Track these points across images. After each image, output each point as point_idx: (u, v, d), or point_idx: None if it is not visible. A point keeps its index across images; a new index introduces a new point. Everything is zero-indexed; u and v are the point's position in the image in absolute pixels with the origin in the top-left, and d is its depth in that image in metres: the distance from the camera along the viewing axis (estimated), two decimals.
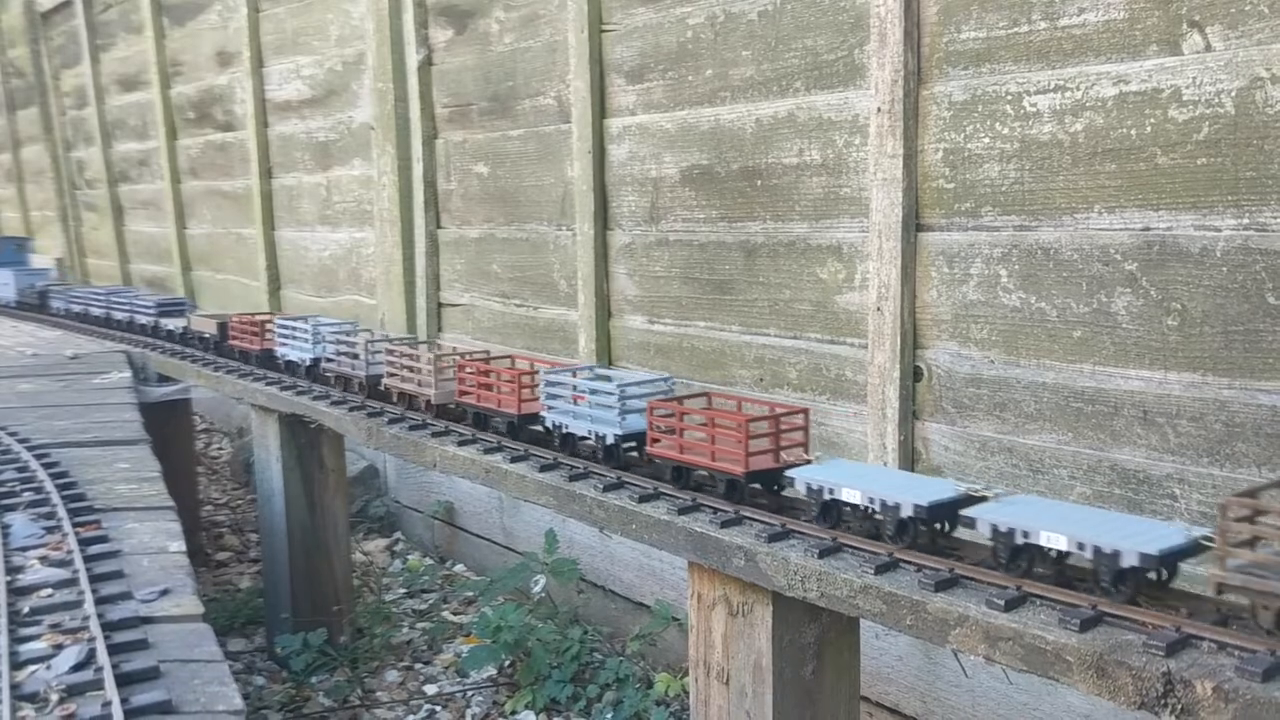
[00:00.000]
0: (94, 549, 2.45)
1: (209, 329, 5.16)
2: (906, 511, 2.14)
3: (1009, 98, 2.99)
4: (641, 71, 4.19)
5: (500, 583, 4.44)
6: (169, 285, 8.95)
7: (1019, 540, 1.99)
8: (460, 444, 3.25)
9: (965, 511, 2.11)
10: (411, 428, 3.49)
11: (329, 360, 4.16)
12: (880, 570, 2.07)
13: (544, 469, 2.92)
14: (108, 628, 1.98)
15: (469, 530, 5.52)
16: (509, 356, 3.68)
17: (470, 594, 5.14)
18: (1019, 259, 3.02)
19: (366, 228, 6.26)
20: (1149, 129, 2.70)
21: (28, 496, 2.92)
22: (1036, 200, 2.96)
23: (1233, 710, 1.55)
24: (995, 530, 2.02)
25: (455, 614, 5.04)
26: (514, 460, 3.04)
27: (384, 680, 4.38)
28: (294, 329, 4.43)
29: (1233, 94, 2.54)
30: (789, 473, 2.44)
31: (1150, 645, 1.69)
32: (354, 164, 6.35)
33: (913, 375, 3.32)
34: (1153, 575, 1.87)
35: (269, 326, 4.66)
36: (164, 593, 2.18)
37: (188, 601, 2.13)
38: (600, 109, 4.40)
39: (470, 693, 4.24)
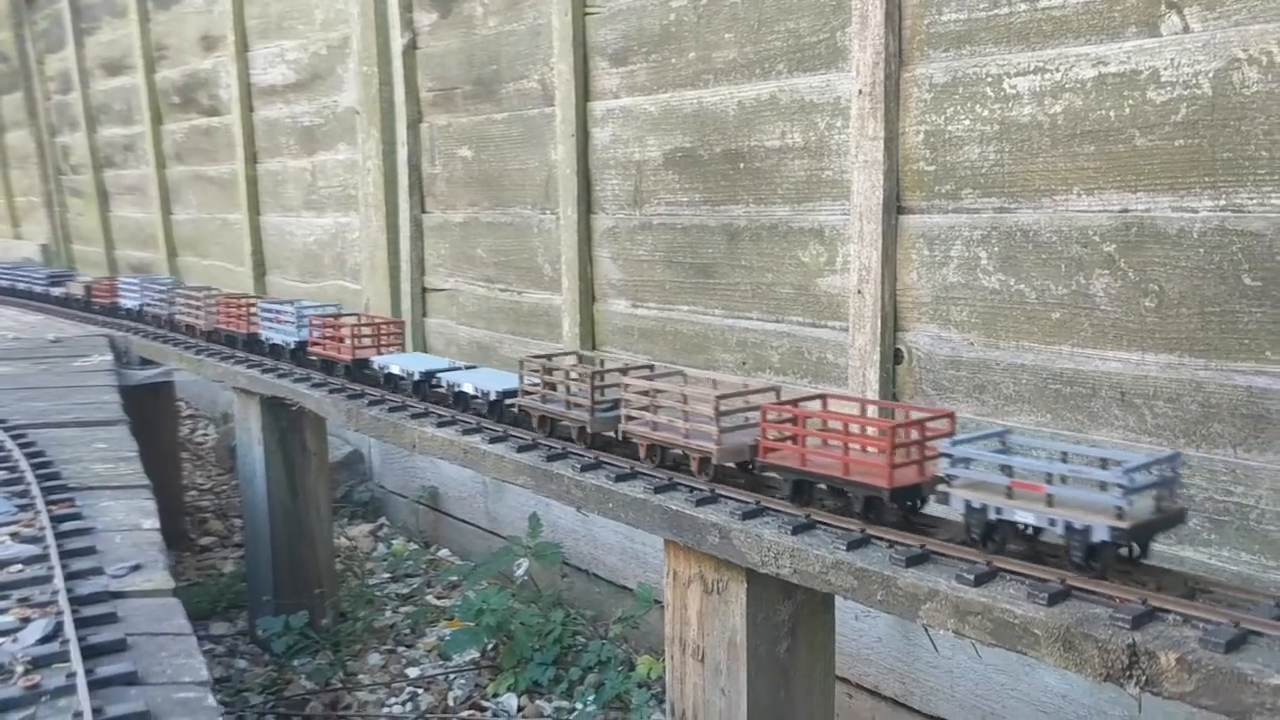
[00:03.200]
0: (66, 526, 2.44)
1: (79, 291, 6.62)
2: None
3: (989, 80, 2.99)
4: (625, 54, 4.18)
5: (484, 567, 4.44)
6: (154, 271, 8.91)
7: (456, 390, 3.37)
8: (439, 425, 3.25)
9: (440, 376, 3.47)
10: (391, 409, 3.49)
11: (149, 305, 5.64)
12: (852, 546, 2.08)
13: (522, 449, 2.92)
14: (76, 602, 1.98)
15: (453, 515, 5.52)
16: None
17: (454, 579, 5.14)
18: (998, 241, 3.02)
19: (351, 212, 6.24)
20: (1127, 110, 2.70)
21: (2, 475, 2.90)
22: (1016, 182, 2.96)
23: (1195, 680, 1.56)
24: (449, 385, 3.41)
25: (439, 598, 5.04)
26: (492, 440, 3.04)
27: (366, 663, 4.38)
28: (129, 285, 6.01)
29: (1210, 75, 2.54)
30: (371, 359, 3.82)
31: (1117, 618, 1.70)
32: (339, 149, 6.33)
33: (893, 358, 3.33)
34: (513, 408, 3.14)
35: (117, 286, 6.18)
36: (135, 568, 2.17)
37: (159, 577, 2.13)
38: (584, 92, 4.38)
39: (452, 676, 4.24)
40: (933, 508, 2.21)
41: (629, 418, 2.71)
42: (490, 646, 4.32)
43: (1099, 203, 2.79)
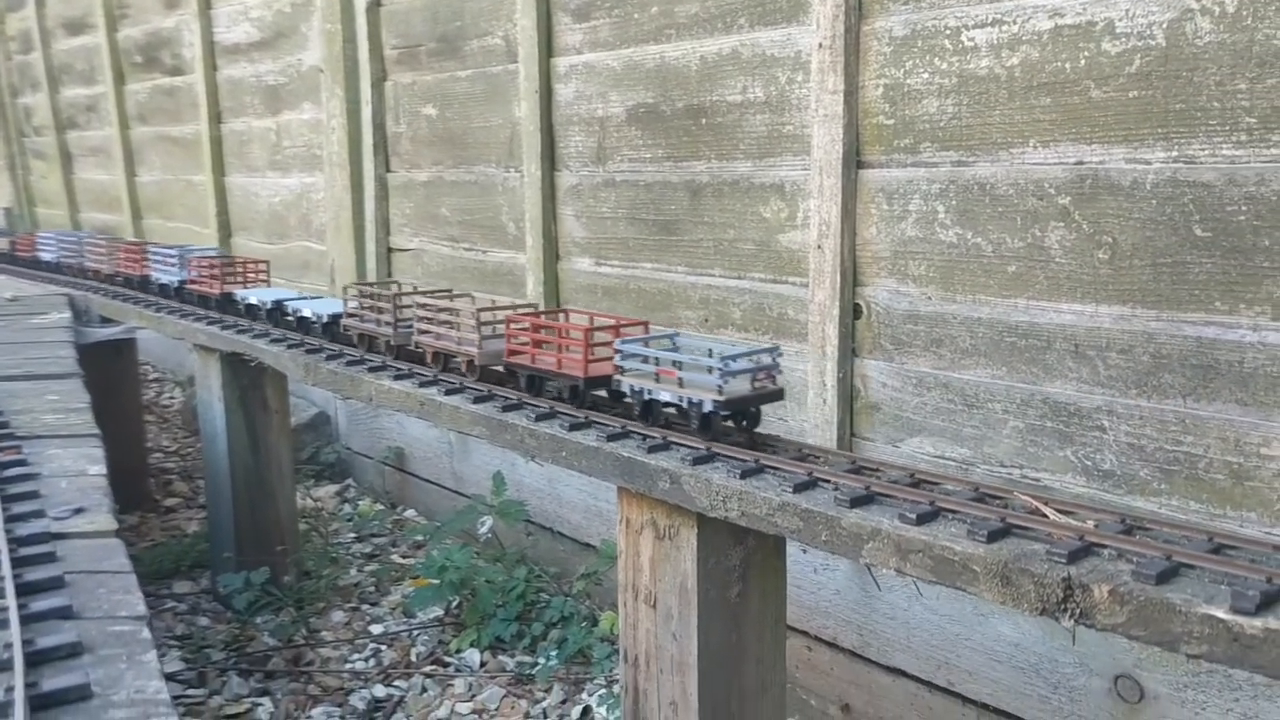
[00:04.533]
0: (11, 471, 2.42)
1: (4, 246, 7.38)
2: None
3: (948, 32, 2.98)
4: (587, 9, 4.14)
5: (448, 525, 4.44)
6: (119, 234, 8.80)
7: (298, 315, 3.98)
8: (396, 378, 3.24)
9: (287, 304, 4.11)
10: (349, 363, 3.47)
11: (64, 257, 6.26)
12: (799, 489, 2.09)
13: (478, 400, 2.91)
14: (15, 542, 1.96)
15: (419, 475, 5.51)
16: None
17: (419, 538, 5.14)
18: (956, 195, 3.02)
19: (316, 173, 6.18)
20: (1083, 62, 2.71)
21: None
22: (974, 135, 2.96)
23: (1127, 612, 1.58)
24: (292, 311, 4.02)
25: (404, 558, 5.05)
26: (448, 392, 3.04)
27: (330, 620, 4.38)
28: (46, 239, 6.66)
29: (1164, 26, 2.54)
30: (235, 292, 4.43)
31: (1053, 553, 1.71)
32: (303, 108, 6.26)
33: (852, 313, 3.34)
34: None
35: (36, 241, 6.84)
36: (78, 511, 2.15)
37: (101, 519, 2.11)
38: (547, 48, 4.35)
39: (416, 632, 4.25)
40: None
41: (421, 331, 3.34)
42: (454, 603, 4.33)
43: (1054, 155, 2.80)
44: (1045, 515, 1.86)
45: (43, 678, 1.53)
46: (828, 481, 2.13)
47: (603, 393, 2.79)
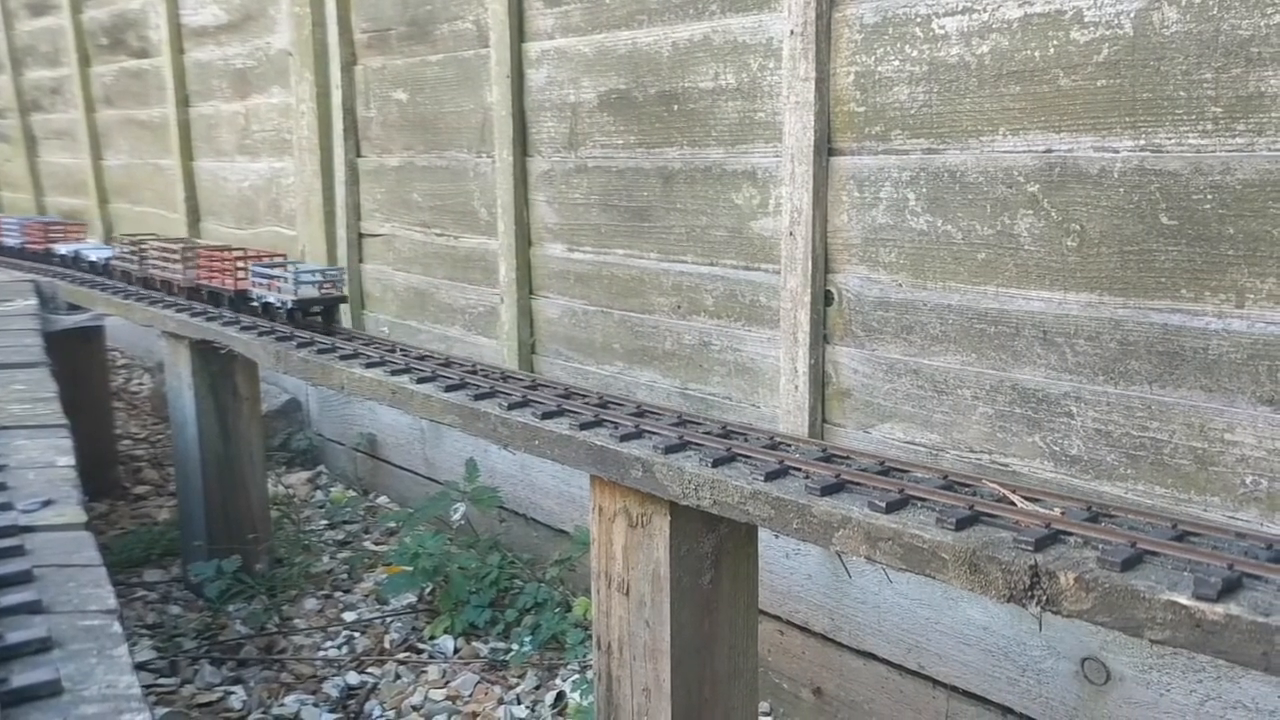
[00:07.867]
0: None
1: None
2: (60, 253, 5.83)
3: (918, 20, 2.99)
4: None
5: (421, 512, 4.44)
6: (86, 218, 8.69)
7: (87, 260, 5.52)
8: (368, 366, 3.22)
9: (78, 251, 5.71)
10: (319, 351, 3.45)
11: None
12: (770, 477, 2.10)
13: (449, 389, 2.91)
14: None
15: (391, 462, 5.50)
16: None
17: (393, 525, 5.14)
18: (926, 182, 3.04)
19: (286, 157, 6.12)
20: (1052, 51, 2.72)
21: None
22: (944, 123, 2.98)
23: (1093, 599, 1.61)
24: (80, 256, 5.51)
25: (377, 544, 5.04)
26: (419, 380, 3.03)
27: (303, 608, 4.37)
28: None
29: (1131, 15, 2.56)
30: (53, 247, 5.94)
31: (1020, 541, 1.74)
32: (273, 92, 6.19)
33: (824, 300, 3.35)
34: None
35: None
36: (46, 503, 2.14)
37: (70, 511, 2.10)
38: (519, 33, 4.32)
39: (389, 619, 4.25)
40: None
41: (154, 266, 4.71)
42: (427, 590, 4.33)
43: (1024, 143, 2.82)
44: (1013, 503, 1.89)
45: (12, 673, 1.52)
46: (799, 470, 2.14)
47: (254, 302, 4.02)
